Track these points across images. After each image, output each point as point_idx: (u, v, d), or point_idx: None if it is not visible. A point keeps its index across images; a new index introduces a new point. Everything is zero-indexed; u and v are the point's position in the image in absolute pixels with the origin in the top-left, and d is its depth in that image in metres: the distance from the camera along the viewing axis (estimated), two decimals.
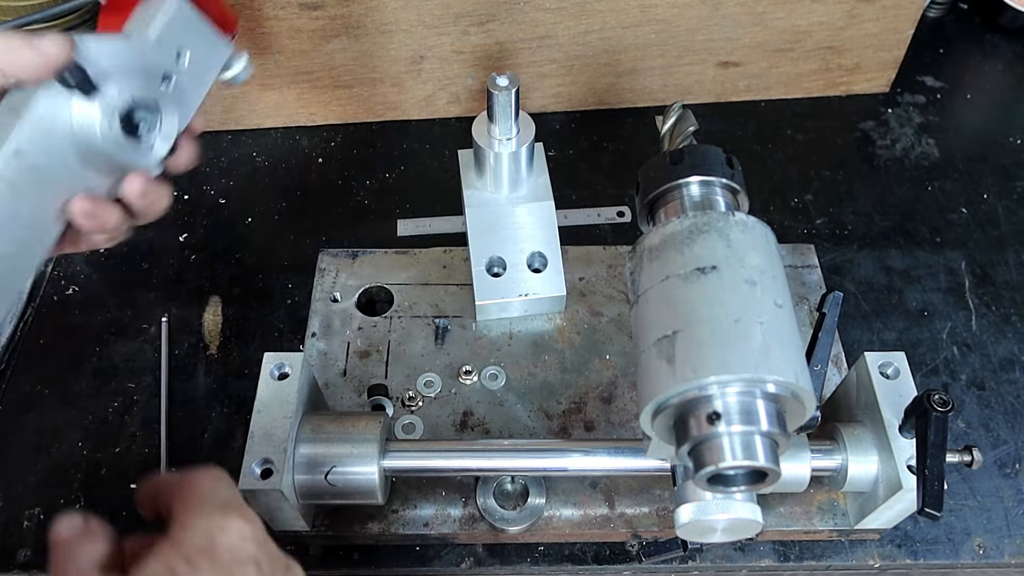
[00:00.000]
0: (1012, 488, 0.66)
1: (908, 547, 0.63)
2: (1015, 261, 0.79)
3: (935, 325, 0.75)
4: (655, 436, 0.48)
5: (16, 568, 0.62)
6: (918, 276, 0.78)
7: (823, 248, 0.79)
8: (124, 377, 0.71)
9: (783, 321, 0.44)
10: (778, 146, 0.89)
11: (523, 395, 0.69)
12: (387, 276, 0.75)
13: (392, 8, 0.79)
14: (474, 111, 0.90)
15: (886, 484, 0.55)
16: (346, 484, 0.56)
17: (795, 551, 0.63)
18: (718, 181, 0.52)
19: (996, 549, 0.63)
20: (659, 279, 0.47)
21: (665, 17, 0.82)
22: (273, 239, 0.81)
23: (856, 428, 0.58)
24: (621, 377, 0.70)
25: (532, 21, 0.81)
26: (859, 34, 0.87)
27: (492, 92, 0.63)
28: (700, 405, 0.43)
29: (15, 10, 0.83)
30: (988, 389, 0.71)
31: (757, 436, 0.43)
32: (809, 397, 0.44)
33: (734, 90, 0.92)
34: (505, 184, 0.70)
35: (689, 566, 0.63)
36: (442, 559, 0.63)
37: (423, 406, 0.68)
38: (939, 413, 0.51)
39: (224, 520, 0.38)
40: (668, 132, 0.58)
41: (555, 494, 0.63)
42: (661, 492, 0.63)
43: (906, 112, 0.92)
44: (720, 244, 0.46)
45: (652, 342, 0.45)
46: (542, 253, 0.71)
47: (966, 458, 0.53)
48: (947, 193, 0.85)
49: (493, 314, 0.72)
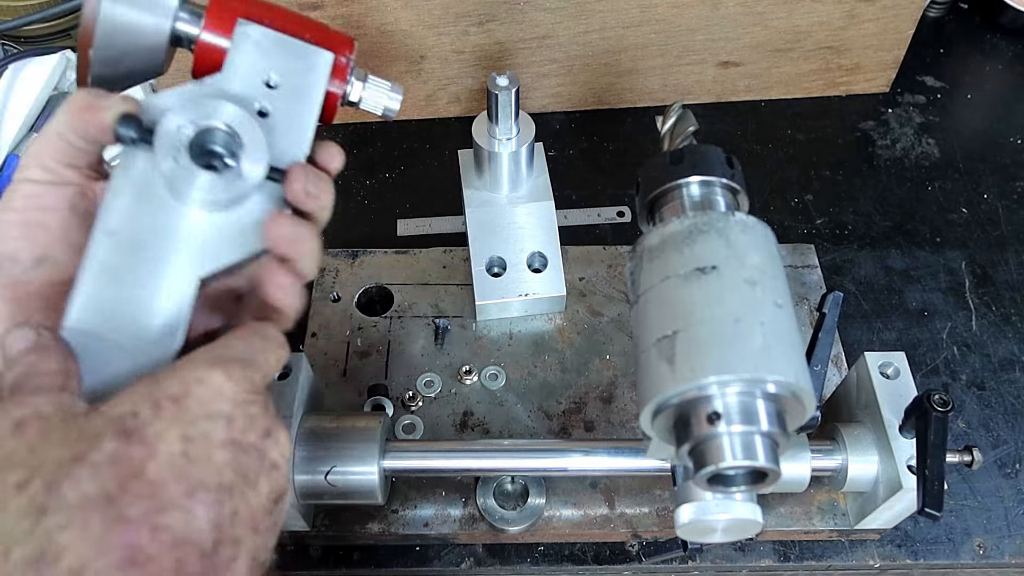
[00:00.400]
0: (1012, 488, 0.66)
1: (908, 547, 0.63)
2: (1015, 261, 0.79)
3: (935, 325, 0.75)
4: (655, 436, 0.48)
5: None
6: (918, 276, 0.78)
7: (823, 248, 0.79)
8: None
9: (783, 321, 0.44)
10: (778, 146, 0.89)
11: (523, 395, 0.68)
12: (387, 276, 0.75)
13: (392, 8, 0.79)
14: (474, 111, 0.89)
15: (886, 484, 0.55)
16: (346, 484, 0.56)
17: (795, 551, 0.63)
18: (718, 181, 0.52)
19: (996, 549, 0.63)
20: (659, 279, 0.47)
21: (665, 17, 0.82)
22: None
23: (856, 428, 0.58)
24: (621, 377, 0.69)
25: (532, 21, 0.81)
26: (859, 34, 0.87)
27: (492, 92, 0.63)
28: (700, 405, 0.43)
29: (15, 10, 0.83)
30: (988, 389, 0.71)
31: (757, 436, 0.43)
32: (809, 397, 0.44)
33: (734, 90, 0.92)
34: (505, 184, 0.70)
35: (689, 566, 0.63)
36: (442, 559, 0.63)
37: (423, 406, 0.68)
38: (939, 413, 0.51)
39: (207, 372, 0.36)
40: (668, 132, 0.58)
41: (555, 494, 0.63)
42: (661, 492, 0.63)
43: (906, 112, 0.92)
44: (720, 244, 0.46)
45: (652, 342, 0.45)
46: (542, 253, 0.71)
47: (966, 458, 0.53)
48: (947, 193, 0.85)
49: (493, 314, 0.72)
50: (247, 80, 0.42)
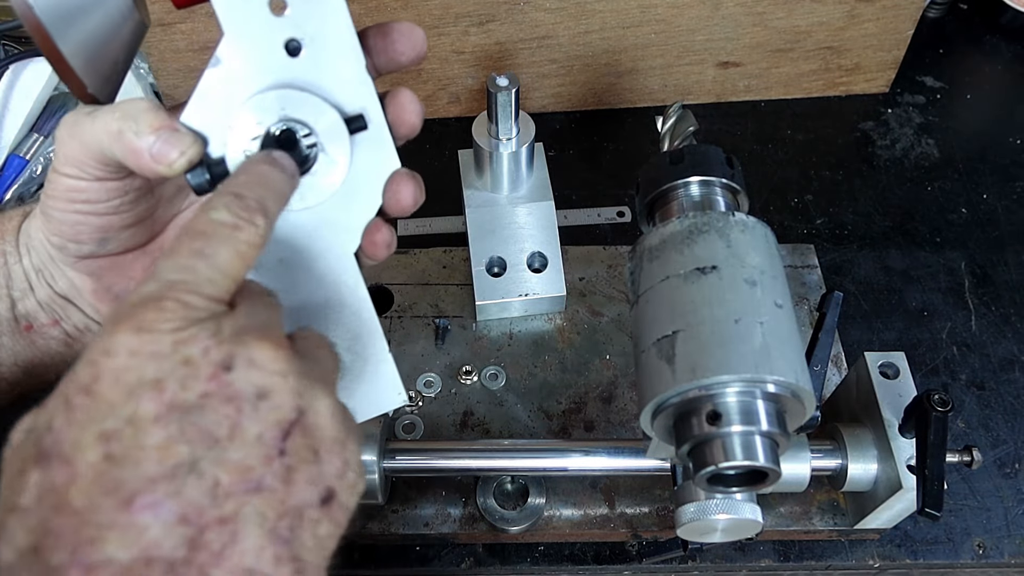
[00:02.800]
0: (1012, 488, 0.66)
1: (908, 547, 0.63)
2: (1015, 261, 0.79)
3: (935, 325, 0.75)
4: (655, 436, 0.48)
5: None
6: (918, 276, 0.78)
7: (823, 248, 0.79)
8: None
9: (783, 321, 0.44)
10: (778, 146, 0.89)
11: (523, 395, 0.69)
12: (387, 276, 0.75)
13: (392, 8, 0.78)
14: (474, 111, 0.89)
15: (886, 484, 0.55)
16: None
17: (795, 551, 0.63)
18: (718, 181, 0.52)
19: (996, 549, 0.63)
20: (659, 279, 0.47)
21: (665, 17, 0.82)
22: None
23: (856, 428, 0.58)
24: (621, 377, 0.70)
25: (532, 21, 0.81)
26: (859, 34, 0.87)
27: (492, 92, 0.63)
28: (700, 405, 0.43)
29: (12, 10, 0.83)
30: (988, 389, 0.71)
31: (757, 436, 0.43)
32: (809, 397, 0.44)
33: (734, 90, 0.92)
34: (505, 184, 0.70)
35: (689, 566, 0.63)
36: (442, 559, 0.63)
37: (423, 406, 0.68)
38: (939, 413, 0.51)
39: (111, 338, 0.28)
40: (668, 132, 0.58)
41: (555, 494, 0.63)
42: (661, 492, 0.63)
43: (906, 112, 0.92)
44: (720, 244, 0.46)
45: (652, 342, 0.45)
46: (542, 253, 0.71)
47: (966, 458, 0.53)
48: (947, 193, 0.85)
49: (493, 314, 0.72)
50: (255, 30, 0.35)
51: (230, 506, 0.27)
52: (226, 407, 0.28)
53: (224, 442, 0.28)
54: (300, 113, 0.36)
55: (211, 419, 0.28)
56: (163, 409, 0.27)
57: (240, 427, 0.28)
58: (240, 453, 0.28)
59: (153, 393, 0.27)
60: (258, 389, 0.29)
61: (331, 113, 0.37)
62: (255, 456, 0.28)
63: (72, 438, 0.26)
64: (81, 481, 0.26)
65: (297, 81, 0.36)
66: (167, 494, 0.26)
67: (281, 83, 0.36)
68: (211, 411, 0.28)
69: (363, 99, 0.38)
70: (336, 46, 0.37)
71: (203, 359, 0.28)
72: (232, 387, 0.28)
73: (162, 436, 0.27)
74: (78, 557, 0.25)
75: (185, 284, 0.29)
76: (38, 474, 0.26)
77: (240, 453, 0.28)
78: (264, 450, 0.28)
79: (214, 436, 0.27)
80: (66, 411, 0.27)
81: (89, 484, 0.26)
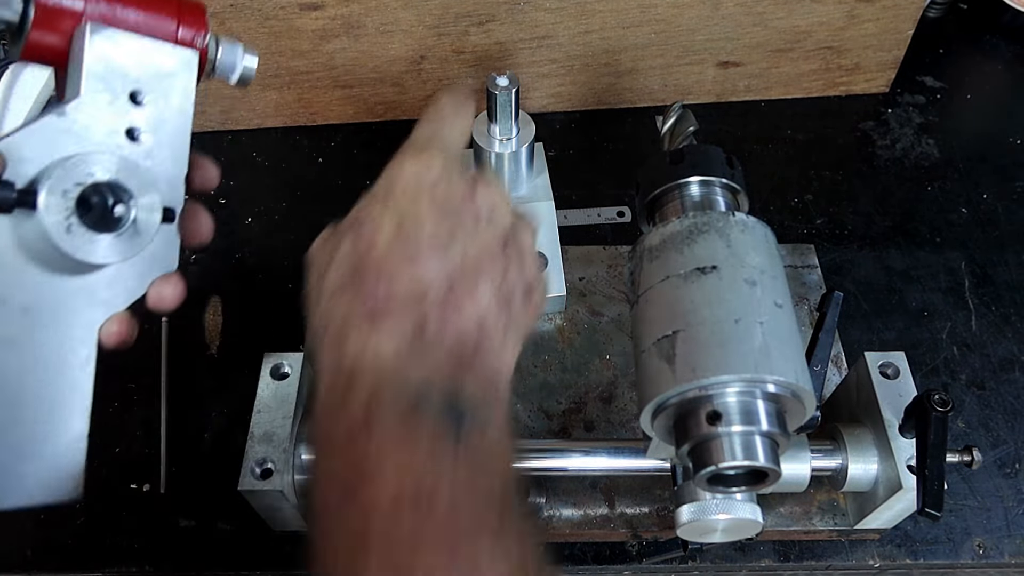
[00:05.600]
0: (1012, 488, 0.66)
1: (908, 547, 0.63)
2: (1015, 261, 0.79)
3: (935, 325, 0.75)
4: (655, 436, 0.48)
5: (16, 568, 0.62)
6: (918, 276, 0.78)
7: (823, 248, 0.79)
8: (124, 377, 0.71)
9: (783, 321, 0.44)
10: (778, 146, 0.89)
11: (523, 395, 0.68)
12: None
13: (392, 8, 0.79)
14: None
15: (886, 484, 0.55)
16: None
17: (795, 551, 0.63)
18: (718, 181, 0.52)
19: (996, 549, 0.63)
20: (659, 279, 0.47)
21: (665, 17, 0.82)
22: (273, 239, 0.81)
23: (856, 428, 0.58)
24: (621, 377, 0.70)
25: (532, 21, 0.81)
26: (859, 34, 0.87)
27: (492, 92, 0.63)
28: (700, 405, 0.43)
29: None
30: (988, 389, 0.71)
31: (757, 436, 0.43)
32: (809, 397, 0.44)
33: (734, 90, 0.92)
34: (505, 184, 0.70)
35: (689, 566, 0.63)
36: None
37: None
38: (939, 413, 0.51)
39: (399, 164, 0.41)
40: (668, 132, 0.58)
41: (555, 494, 0.63)
42: (661, 492, 0.63)
43: (906, 112, 0.92)
44: (720, 244, 0.46)
45: (652, 342, 0.45)
46: (542, 253, 0.71)
47: (966, 458, 0.53)
48: (947, 193, 0.85)
49: None
50: (107, 106, 0.39)
51: (473, 265, 0.39)
52: (472, 211, 0.40)
53: (472, 232, 0.40)
54: (131, 182, 0.40)
55: (462, 219, 0.40)
56: (433, 208, 0.39)
57: (479, 228, 0.40)
58: (482, 238, 0.40)
59: (428, 198, 0.39)
60: (490, 207, 0.41)
61: (156, 195, 0.41)
62: (491, 241, 0.41)
63: (375, 223, 0.39)
64: (378, 247, 0.38)
65: (130, 158, 0.40)
66: (434, 256, 0.38)
67: (119, 154, 0.40)
68: (462, 215, 0.40)
69: (176, 201, 0.43)
70: (172, 148, 0.42)
71: (457, 184, 0.41)
72: (475, 201, 0.41)
73: (433, 223, 0.39)
74: (381, 284, 0.38)
75: (440, 140, 0.44)
76: (350, 242, 0.39)
77: (482, 238, 0.40)
78: (493, 244, 0.41)
79: (465, 228, 0.40)
80: (369, 204, 0.40)
81: (384, 249, 0.38)
